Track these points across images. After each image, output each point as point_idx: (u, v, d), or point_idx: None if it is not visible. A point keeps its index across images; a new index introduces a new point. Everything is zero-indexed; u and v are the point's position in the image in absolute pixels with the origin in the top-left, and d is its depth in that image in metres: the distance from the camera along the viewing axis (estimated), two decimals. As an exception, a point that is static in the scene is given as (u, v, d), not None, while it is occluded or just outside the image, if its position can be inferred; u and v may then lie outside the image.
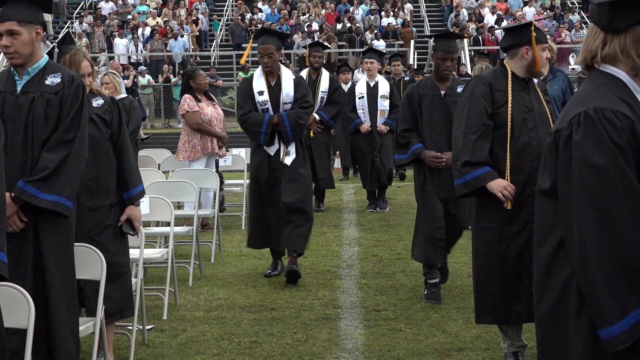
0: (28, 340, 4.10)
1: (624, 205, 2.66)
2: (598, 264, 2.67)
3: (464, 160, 5.42)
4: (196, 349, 6.16)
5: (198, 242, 8.35)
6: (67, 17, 33.18)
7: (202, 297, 7.58)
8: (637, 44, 2.81)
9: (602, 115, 2.72)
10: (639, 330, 2.64)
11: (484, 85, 5.50)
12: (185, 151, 10.50)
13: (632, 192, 2.66)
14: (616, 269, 2.65)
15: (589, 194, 2.69)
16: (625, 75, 2.83)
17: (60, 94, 4.70)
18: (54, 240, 4.72)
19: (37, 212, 4.67)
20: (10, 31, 4.67)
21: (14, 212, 4.61)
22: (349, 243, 10.02)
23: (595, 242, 2.67)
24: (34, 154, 4.67)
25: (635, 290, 2.64)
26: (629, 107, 2.77)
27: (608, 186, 2.67)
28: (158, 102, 26.75)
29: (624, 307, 2.64)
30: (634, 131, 2.72)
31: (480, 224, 5.53)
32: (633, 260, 2.64)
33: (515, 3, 32.35)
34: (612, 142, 2.69)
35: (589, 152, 2.70)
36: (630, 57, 2.82)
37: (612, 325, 2.65)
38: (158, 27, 30.30)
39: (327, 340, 6.32)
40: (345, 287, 7.90)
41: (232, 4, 34.35)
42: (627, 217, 2.65)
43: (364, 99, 12.25)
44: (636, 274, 2.64)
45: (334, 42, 28.66)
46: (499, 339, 5.89)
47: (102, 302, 5.10)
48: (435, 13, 33.62)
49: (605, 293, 2.65)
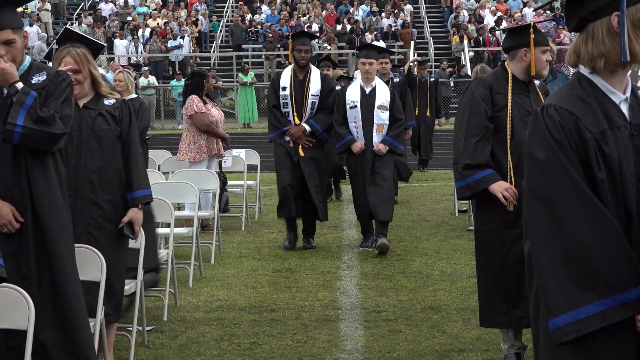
0: (28, 342, 4.10)
1: (564, 197, 2.71)
2: (545, 256, 2.72)
3: (465, 163, 5.42)
4: (196, 350, 6.16)
5: (198, 243, 8.34)
6: (67, 18, 33.19)
7: (202, 298, 7.59)
8: (586, 42, 2.84)
9: (546, 112, 2.80)
10: (588, 326, 2.65)
11: (484, 88, 5.50)
12: (190, 152, 10.47)
13: (572, 185, 2.71)
14: (563, 261, 2.69)
15: (533, 187, 2.79)
16: (590, 74, 2.86)
17: (47, 89, 4.69)
18: (59, 236, 4.70)
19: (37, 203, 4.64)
20: (8, 41, 4.60)
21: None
22: (348, 244, 10.01)
23: (542, 234, 2.74)
24: (27, 152, 4.66)
25: (587, 286, 2.66)
26: (585, 105, 2.80)
27: (549, 179, 2.75)
28: (159, 103, 26.77)
29: (571, 299, 2.66)
30: (577, 127, 2.76)
31: (482, 227, 5.53)
32: (580, 253, 2.67)
33: (515, 4, 32.37)
34: (552, 137, 2.76)
35: (533, 147, 2.80)
36: (580, 55, 2.85)
37: (557, 317, 2.68)
38: (158, 28, 30.32)
39: (327, 341, 6.32)
40: (345, 288, 7.90)
41: (232, 5, 34.38)
42: (570, 210, 2.70)
43: (357, 108, 9.38)
44: (586, 269, 2.67)
45: (334, 43, 28.68)
46: (499, 340, 5.89)
47: (102, 303, 5.10)
48: (435, 14, 33.66)
49: (552, 283, 2.70)
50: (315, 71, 9.68)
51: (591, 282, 2.66)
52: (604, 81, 2.84)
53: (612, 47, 2.79)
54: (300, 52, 9.53)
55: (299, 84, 9.50)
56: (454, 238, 10.26)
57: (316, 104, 9.53)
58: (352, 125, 9.36)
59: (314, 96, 9.52)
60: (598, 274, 2.65)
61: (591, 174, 2.74)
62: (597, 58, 2.81)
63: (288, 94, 9.48)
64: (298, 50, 9.53)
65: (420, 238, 10.05)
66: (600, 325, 2.64)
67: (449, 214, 12.09)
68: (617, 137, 2.78)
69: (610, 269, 2.65)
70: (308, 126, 9.49)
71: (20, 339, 4.26)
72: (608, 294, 2.64)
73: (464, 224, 11.16)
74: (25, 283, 4.48)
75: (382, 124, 9.37)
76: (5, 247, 4.53)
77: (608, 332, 2.66)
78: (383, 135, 9.35)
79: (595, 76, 2.85)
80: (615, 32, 2.78)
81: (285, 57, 28.66)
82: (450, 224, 11.26)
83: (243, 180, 11.62)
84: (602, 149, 2.75)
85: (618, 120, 2.80)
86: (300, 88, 9.50)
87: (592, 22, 2.82)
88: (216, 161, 10.80)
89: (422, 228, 10.89)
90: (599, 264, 2.66)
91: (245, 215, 11.40)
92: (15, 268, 4.55)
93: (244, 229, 11.16)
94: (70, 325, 4.65)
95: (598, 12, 2.81)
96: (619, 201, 2.74)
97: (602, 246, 2.66)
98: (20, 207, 4.61)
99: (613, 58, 2.80)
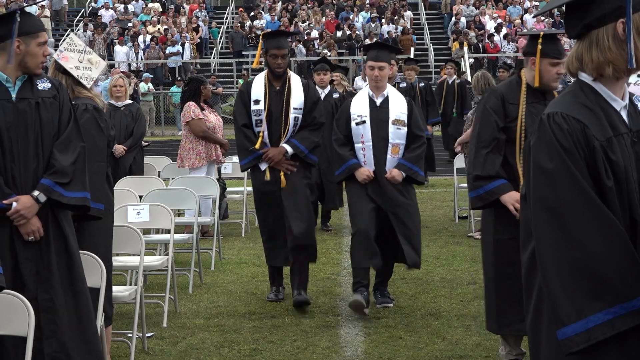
0: (28, 348, 4.10)
1: (573, 206, 2.69)
2: (553, 266, 2.70)
3: (475, 175, 5.47)
4: (196, 356, 6.16)
5: (198, 250, 8.35)
6: (68, 24, 33.23)
7: (202, 305, 7.58)
8: (590, 49, 2.83)
9: (552, 120, 2.77)
10: (597, 335, 2.64)
11: (496, 99, 5.50)
12: (190, 159, 10.48)
13: (581, 193, 2.69)
14: (571, 271, 2.67)
15: (541, 196, 2.75)
16: (593, 81, 2.85)
17: (58, 98, 4.78)
18: (75, 243, 4.81)
19: (60, 213, 4.74)
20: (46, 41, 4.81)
21: (35, 212, 4.63)
22: (348, 250, 9.99)
23: (550, 244, 2.71)
24: (45, 159, 4.72)
25: (595, 295, 2.65)
26: (591, 112, 2.79)
27: (557, 188, 2.72)
28: (159, 109, 26.77)
29: (579, 308, 2.65)
30: (585, 135, 2.74)
31: (497, 235, 5.54)
32: (589, 262, 2.66)
33: (515, 10, 32.41)
34: (560, 145, 2.73)
35: (539, 156, 2.77)
36: (584, 62, 2.84)
37: (566, 327, 2.67)
38: (158, 34, 30.34)
39: (327, 347, 6.32)
40: (345, 295, 7.89)
41: (232, 12, 34.42)
42: (578, 218, 2.69)
43: (366, 125, 7.25)
44: (594, 278, 2.66)
45: (334, 49, 28.71)
46: (499, 346, 5.89)
47: (102, 309, 5.10)
48: (435, 20, 33.69)
49: (561, 293, 2.68)
50: (295, 79, 7.66)
51: (600, 291, 2.65)
52: (606, 88, 2.84)
53: (619, 54, 2.79)
54: (276, 58, 7.48)
55: (276, 95, 7.52)
56: (454, 244, 10.26)
57: (299, 120, 7.54)
58: (358, 146, 7.24)
59: (297, 110, 7.52)
60: (607, 283, 2.65)
61: (599, 182, 2.72)
62: (604, 65, 2.80)
63: (262, 109, 7.46)
64: (273, 55, 7.48)
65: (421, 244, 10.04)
66: (609, 333, 2.63)
67: (449, 221, 12.09)
68: (621, 144, 2.78)
69: (618, 277, 2.65)
70: (290, 147, 7.47)
71: (10, 345, 4.33)
72: (616, 302, 2.64)
73: (465, 230, 11.17)
74: (46, 286, 4.61)
75: (399, 143, 7.26)
76: (24, 253, 4.62)
77: (615, 340, 2.66)
78: (398, 158, 7.25)
79: (598, 83, 2.84)
80: (621, 39, 2.78)
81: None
82: (450, 231, 11.26)
83: (243, 187, 11.63)
84: (609, 156, 2.74)
85: (621, 127, 2.81)
86: (277, 100, 7.50)
87: (596, 29, 2.81)
88: (216, 167, 10.81)
89: (422, 234, 10.85)
90: (607, 273, 2.65)
91: (245, 222, 11.41)
92: (34, 273, 4.63)
93: (243, 235, 11.17)
94: (87, 329, 4.76)
95: (603, 19, 2.79)
96: (625, 208, 2.74)
97: (611, 255, 2.65)
98: (42, 213, 4.67)
99: (619, 65, 2.79)
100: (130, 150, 10.43)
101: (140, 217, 7.23)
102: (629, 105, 2.88)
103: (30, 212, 4.59)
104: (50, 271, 4.65)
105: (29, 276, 4.58)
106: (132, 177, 9.72)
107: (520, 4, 32.73)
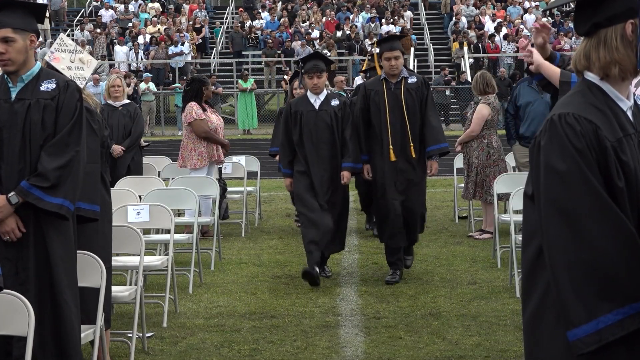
0: (28, 348, 4.10)
1: (586, 208, 2.68)
2: (565, 267, 2.69)
3: None
4: (196, 356, 6.16)
5: (198, 250, 8.35)
6: (68, 24, 33.23)
7: (202, 305, 7.58)
8: (598, 47, 2.83)
9: (564, 121, 2.76)
10: (607, 336, 2.64)
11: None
12: (192, 159, 10.47)
13: (593, 194, 2.69)
14: (582, 273, 2.67)
15: (553, 198, 2.74)
16: (600, 81, 2.85)
17: (57, 100, 4.71)
18: (60, 246, 4.73)
19: (42, 216, 4.67)
20: (5, 38, 4.68)
21: (9, 213, 4.60)
22: (349, 250, 10.01)
23: (561, 245, 2.71)
24: (32, 160, 4.67)
25: (605, 295, 2.65)
26: (601, 113, 2.78)
27: (570, 190, 2.71)
28: (159, 109, 26.77)
29: (590, 310, 2.65)
30: (597, 136, 2.73)
31: None
32: (600, 264, 2.66)
33: (515, 10, 32.41)
34: (573, 147, 2.72)
35: (551, 157, 2.75)
36: (591, 60, 2.84)
37: (577, 328, 2.67)
38: (158, 34, 30.34)
39: (327, 347, 6.32)
40: (345, 295, 7.90)
41: (232, 12, 34.41)
42: (590, 220, 2.68)
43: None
44: (605, 279, 2.66)
45: (333, 49, 28.70)
46: (499, 346, 5.89)
47: (102, 310, 5.10)
48: (435, 20, 33.68)
49: (571, 295, 2.68)
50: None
51: (610, 292, 2.65)
52: (613, 88, 2.84)
53: (626, 54, 2.79)
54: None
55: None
56: (454, 244, 10.27)
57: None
58: None
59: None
60: (617, 284, 2.65)
61: (610, 183, 2.72)
62: (611, 65, 2.80)
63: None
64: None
65: (420, 244, 10.03)
66: (620, 334, 2.64)
67: (449, 221, 12.09)
68: (630, 145, 2.78)
69: (628, 278, 2.65)
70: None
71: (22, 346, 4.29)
72: (626, 302, 2.64)
73: (464, 230, 11.18)
74: (23, 288, 4.51)
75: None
76: (4, 253, 4.59)
77: (623, 341, 2.67)
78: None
79: (605, 83, 2.84)
80: (629, 40, 2.78)
81: (287, 63, 28.69)
82: (450, 231, 11.26)
83: (243, 187, 11.63)
84: (620, 157, 2.74)
85: (629, 128, 2.81)
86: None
87: (605, 28, 2.81)
88: (216, 167, 10.81)
89: (422, 234, 10.88)
90: (618, 274, 2.65)
91: (245, 222, 11.41)
92: (14, 273, 4.59)
93: (244, 235, 11.17)
94: (62, 330, 4.67)
95: (613, 18, 2.80)
96: (634, 209, 2.74)
97: (623, 256, 2.65)
98: (23, 215, 4.64)
99: (626, 66, 2.80)
100: (128, 150, 10.42)
101: (140, 217, 7.23)
102: (633, 105, 2.88)
103: (1, 212, 4.55)
104: (27, 275, 4.61)
105: (7, 276, 4.53)
106: (132, 177, 9.72)
107: (520, 4, 32.73)
